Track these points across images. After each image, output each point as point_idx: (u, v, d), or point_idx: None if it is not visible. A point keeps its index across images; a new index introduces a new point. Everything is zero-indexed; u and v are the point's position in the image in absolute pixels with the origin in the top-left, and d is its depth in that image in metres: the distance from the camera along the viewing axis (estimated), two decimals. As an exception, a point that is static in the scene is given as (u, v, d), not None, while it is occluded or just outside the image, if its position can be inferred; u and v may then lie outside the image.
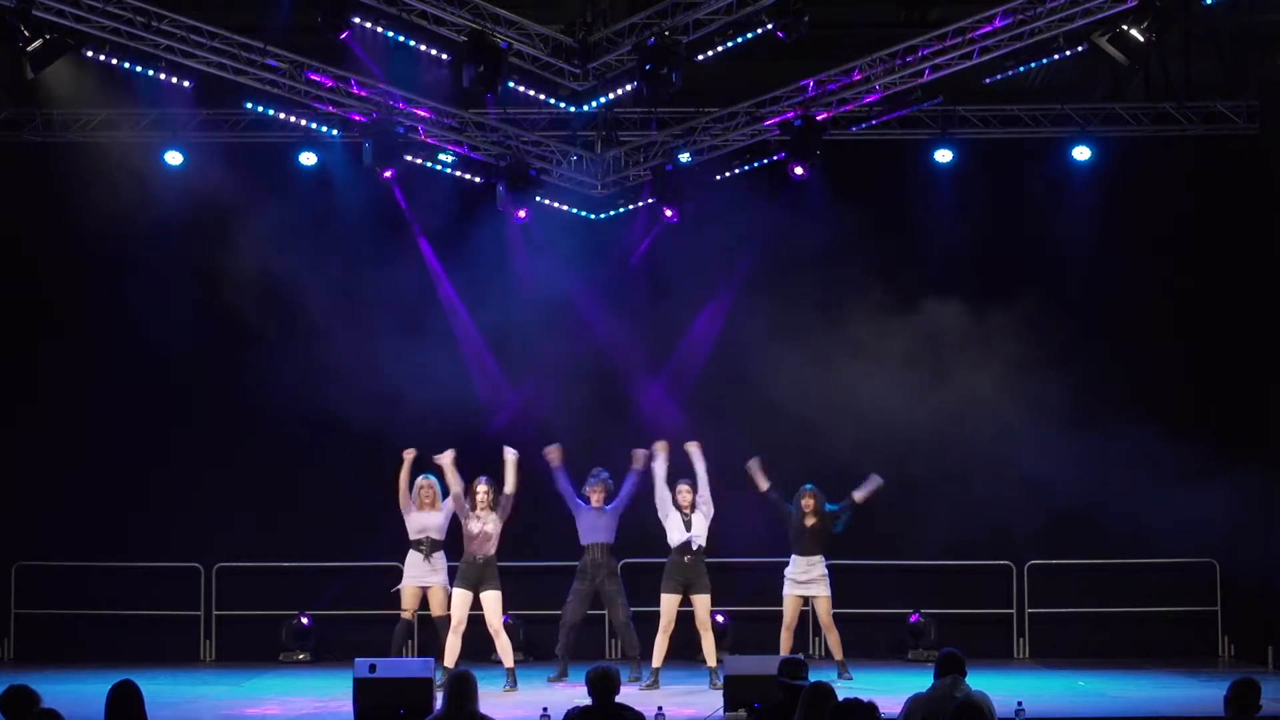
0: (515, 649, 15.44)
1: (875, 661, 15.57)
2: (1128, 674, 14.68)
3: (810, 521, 14.09)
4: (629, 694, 11.96)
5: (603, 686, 8.38)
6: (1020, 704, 9.98)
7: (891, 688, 11.27)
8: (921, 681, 9.48)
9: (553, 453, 14.11)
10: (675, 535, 13.79)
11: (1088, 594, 16.26)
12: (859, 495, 14.24)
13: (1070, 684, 14.05)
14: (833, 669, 13.96)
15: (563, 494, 14.13)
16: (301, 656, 15.99)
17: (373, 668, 11.09)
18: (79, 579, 16.28)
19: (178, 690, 13.58)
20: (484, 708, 8.31)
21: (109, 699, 7.88)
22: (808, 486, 14.21)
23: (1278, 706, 9.86)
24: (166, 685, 13.59)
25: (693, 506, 13.81)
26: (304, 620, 16.05)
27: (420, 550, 13.68)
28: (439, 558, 13.76)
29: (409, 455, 13.80)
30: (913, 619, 16.01)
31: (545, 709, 9.68)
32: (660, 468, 13.89)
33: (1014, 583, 16.43)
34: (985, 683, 9.35)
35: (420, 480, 13.79)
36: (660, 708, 9.70)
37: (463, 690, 8.13)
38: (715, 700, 11.79)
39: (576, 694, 11.23)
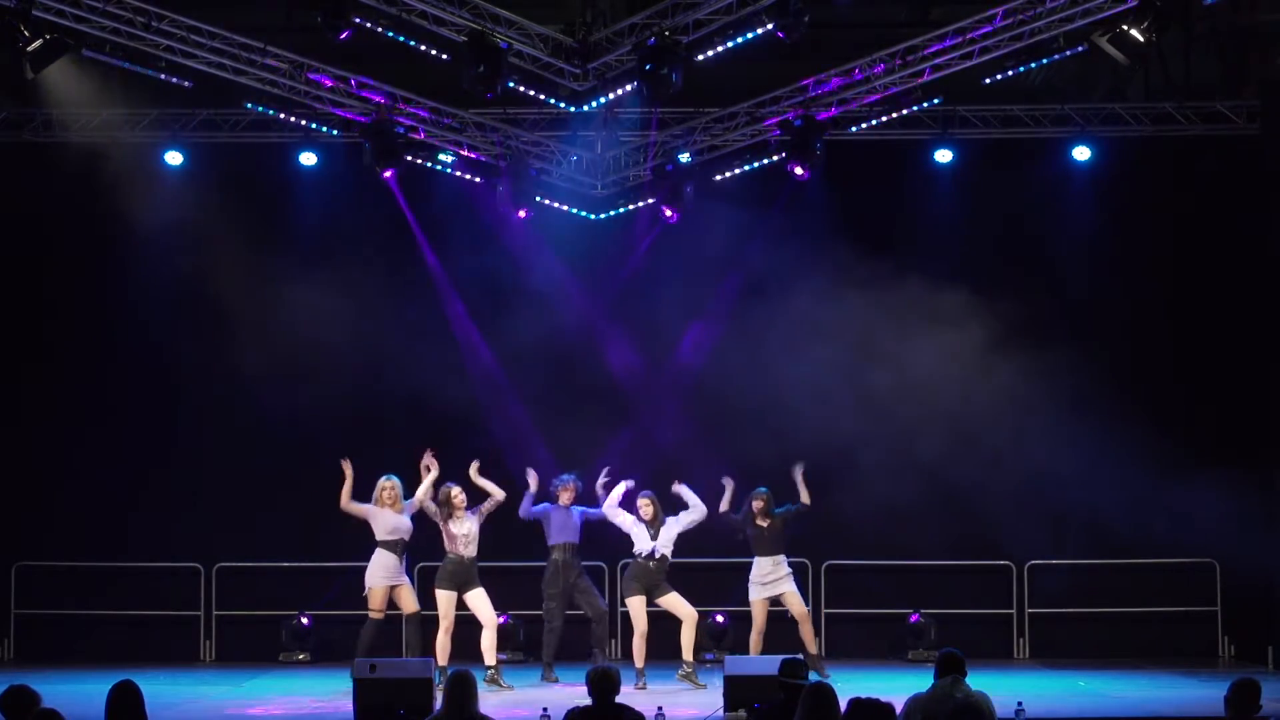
0: (514, 649, 15.50)
1: (875, 661, 15.57)
2: (1128, 674, 14.68)
3: (763, 522, 14.06)
4: (629, 694, 11.96)
5: (603, 686, 8.38)
6: (1020, 704, 9.98)
7: (891, 688, 11.25)
8: (921, 681, 9.48)
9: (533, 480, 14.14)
10: (642, 545, 13.83)
11: (1088, 594, 16.27)
12: (804, 495, 14.20)
13: (1070, 684, 14.05)
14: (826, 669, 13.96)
15: (526, 515, 14.12)
16: (301, 656, 15.99)
17: (373, 668, 11.12)
18: (79, 579, 16.30)
19: (178, 690, 13.58)
20: (483, 707, 8.32)
21: (109, 699, 7.87)
22: (759, 490, 14.17)
23: (1278, 706, 9.86)
24: (166, 685, 13.59)
25: (654, 521, 13.81)
26: (304, 620, 16.06)
27: (394, 551, 13.57)
28: (405, 558, 13.70)
29: (348, 468, 13.74)
30: (913, 619, 16.01)
31: (545, 709, 9.68)
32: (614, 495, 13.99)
33: (1014, 583, 16.44)
34: (985, 683, 9.34)
35: (384, 481, 13.66)
36: (660, 708, 9.70)
37: (462, 691, 8.13)
38: (714, 700, 11.80)
39: (576, 694, 11.23)
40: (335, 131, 15.71)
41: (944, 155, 16.30)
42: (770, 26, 13.01)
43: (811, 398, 15.79)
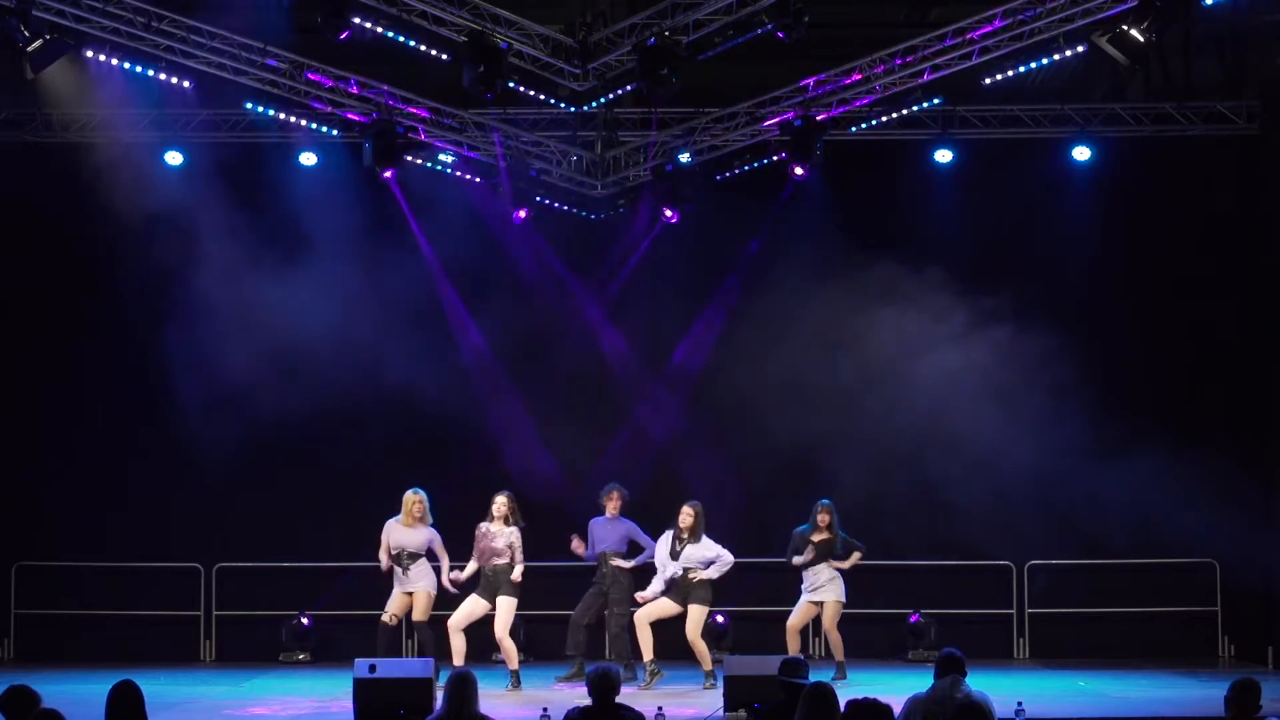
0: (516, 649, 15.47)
1: (875, 661, 15.58)
2: (1128, 674, 14.68)
3: (820, 537, 14.09)
4: (629, 694, 11.96)
5: (603, 686, 8.39)
6: (1020, 704, 9.97)
7: (891, 688, 11.26)
8: (921, 681, 9.48)
9: (578, 546, 14.13)
10: (663, 563, 13.84)
11: (1088, 594, 16.27)
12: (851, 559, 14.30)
13: (1070, 684, 14.05)
14: (831, 668, 13.96)
15: (592, 558, 14.21)
16: (301, 656, 15.99)
17: (373, 668, 11.10)
18: (79, 579, 16.30)
19: (178, 690, 13.58)
20: (484, 707, 8.32)
21: (109, 699, 7.88)
22: (824, 501, 14.22)
23: (1278, 706, 9.86)
24: (166, 685, 13.59)
25: (691, 533, 13.73)
26: (304, 620, 16.06)
27: (400, 564, 13.52)
28: (416, 567, 13.55)
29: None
30: (913, 619, 16.01)
31: (545, 709, 9.67)
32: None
33: (1014, 583, 16.44)
34: (985, 683, 9.35)
35: (411, 495, 13.59)
36: (660, 708, 9.69)
37: (463, 691, 8.13)
38: (715, 700, 11.80)
39: (577, 694, 11.24)
40: (335, 131, 15.71)
41: (944, 155, 16.29)
42: (770, 26, 13.00)
43: (811, 397, 15.81)
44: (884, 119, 15.41)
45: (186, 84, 14.31)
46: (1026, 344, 15.77)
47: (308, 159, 16.25)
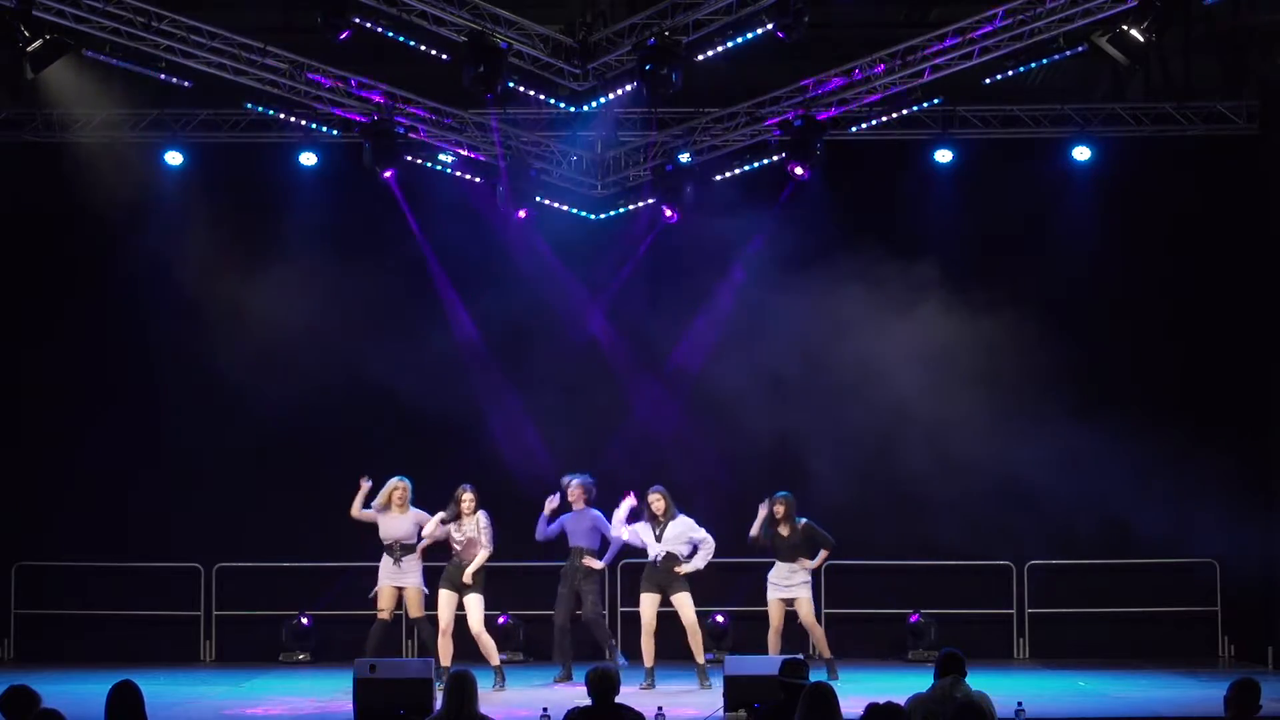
0: (515, 649, 15.51)
1: (875, 661, 15.58)
2: (1128, 674, 14.68)
3: (784, 530, 14.04)
4: (629, 694, 11.96)
5: (602, 686, 8.39)
6: (1020, 704, 9.97)
7: (891, 688, 11.25)
8: (921, 681, 9.49)
9: (552, 502, 14.01)
10: (651, 549, 13.82)
11: (1088, 594, 16.27)
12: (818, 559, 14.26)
13: (1070, 684, 14.05)
14: (822, 669, 13.95)
15: (543, 538, 14.11)
16: (301, 656, 15.99)
17: (373, 668, 11.11)
18: (79, 579, 16.30)
19: (178, 690, 13.58)
20: (483, 708, 8.33)
21: (109, 699, 7.88)
22: (779, 494, 14.15)
23: (1278, 706, 9.86)
24: (166, 685, 13.59)
25: (665, 514, 13.75)
26: (304, 620, 16.06)
27: (392, 555, 13.58)
28: (410, 560, 13.62)
29: (365, 484, 13.68)
30: (913, 619, 16.01)
31: (545, 709, 9.68)
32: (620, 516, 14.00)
33: (1014, 583, 16.44)
34: (985, 683, 9.34)
35: (394, 482, 13.65)
36: (660, 708, 9.70)
37: (463, 690, 8.14)
38: (715, 700, 11.80)
39: (577, 694, 11.24)
40: (335, 131, 15.71)
41: (944, 155, 16.29)
42: (770, 26, 13.01)
43: (810, 397, 15.81)
44: (884, 119, 15.41)
45: (186, 84, 14.32)
46: (1026, 343, 15.77)
47: (308, 159, 16.25)
